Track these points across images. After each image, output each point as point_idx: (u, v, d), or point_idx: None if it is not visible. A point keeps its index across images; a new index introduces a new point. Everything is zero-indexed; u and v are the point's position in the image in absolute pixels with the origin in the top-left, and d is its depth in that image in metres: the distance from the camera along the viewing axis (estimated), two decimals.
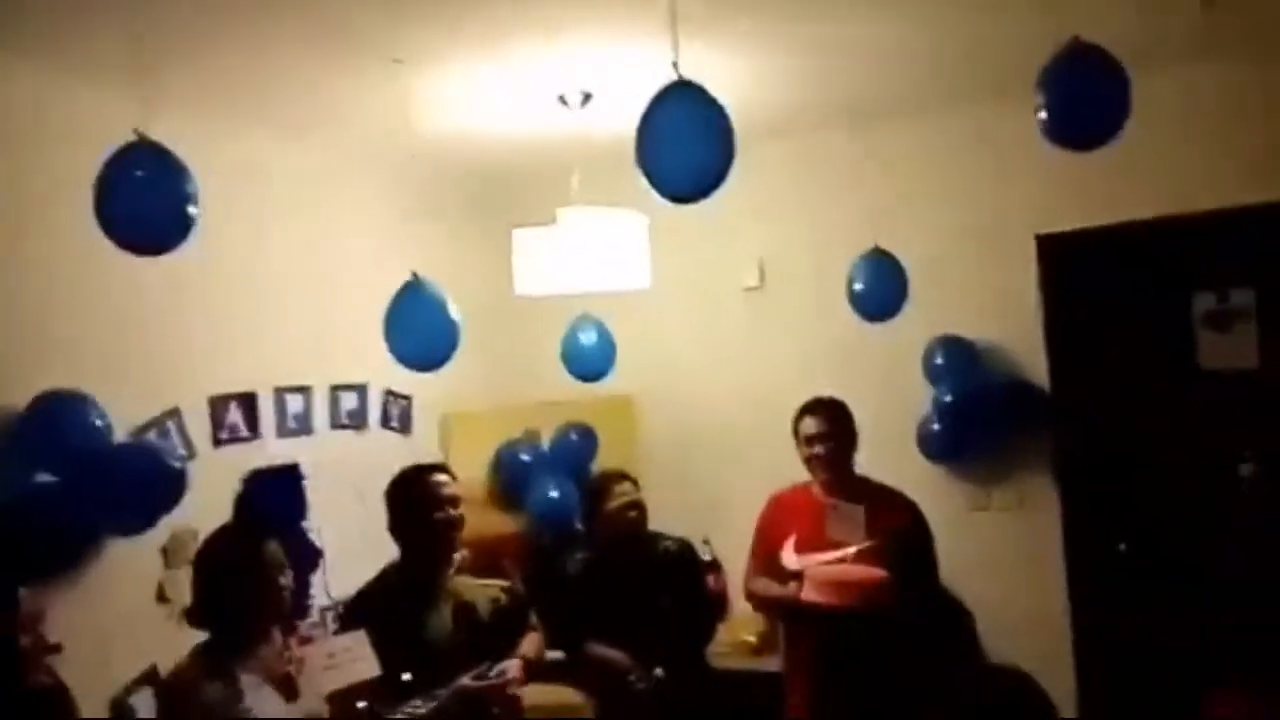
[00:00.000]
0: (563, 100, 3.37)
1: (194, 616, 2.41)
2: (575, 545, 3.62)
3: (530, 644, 2.88)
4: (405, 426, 4.06)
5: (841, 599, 2.97)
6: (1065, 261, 3.87)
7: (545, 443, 4.30)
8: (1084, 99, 2.27)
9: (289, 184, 3.66)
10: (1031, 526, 3.92)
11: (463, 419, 4.28)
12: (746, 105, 2.67)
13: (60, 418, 2.58)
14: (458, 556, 2.83)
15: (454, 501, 2.76)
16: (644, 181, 2.15)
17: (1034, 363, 3.91)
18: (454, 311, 2.77)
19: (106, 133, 2.21)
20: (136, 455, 2.65)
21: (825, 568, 3.03)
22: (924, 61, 3.44)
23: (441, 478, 2.79)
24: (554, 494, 4.06)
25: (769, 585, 3.21)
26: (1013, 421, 3.86)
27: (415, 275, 2.79)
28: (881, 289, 3.42)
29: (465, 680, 2.57)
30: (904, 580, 2.96)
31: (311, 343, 3.66)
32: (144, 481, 2.57)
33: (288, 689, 2.34)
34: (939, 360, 3.91)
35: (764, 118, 3.72)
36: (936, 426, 3.90)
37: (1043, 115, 2.34)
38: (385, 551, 3.08)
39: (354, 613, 2.74)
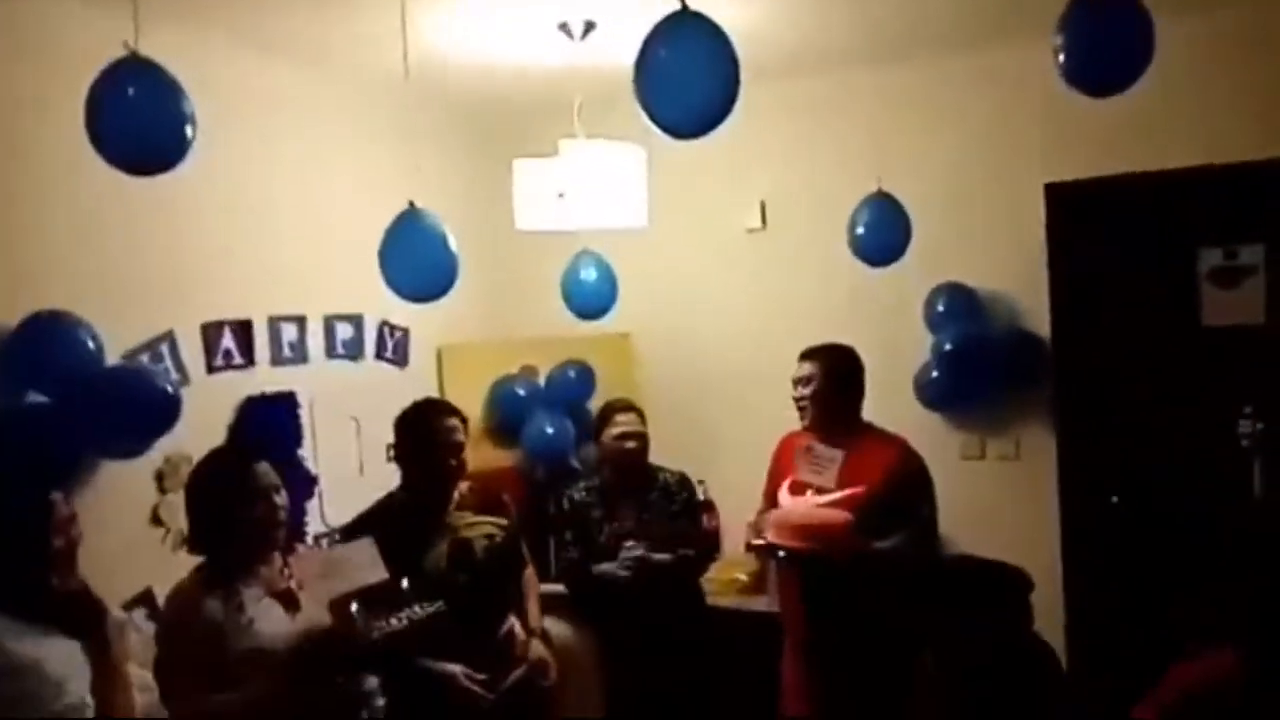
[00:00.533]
0: (565, 29, 3.28)
1: (192, 543, 2.42)
2: (570, 481, 3.63)
3: (533, 603, 2.96)
4: (402, 358, 4.04)
5: (798, 540, 2.98)
6: (1073, 211, 3.81)
7: (542, 379, 4.29)
8: (1105, 41, 2.20)
9: (285, 109, 3.59)
10: (1027, 477, 3.93)
11: (459, 352, 4.26)
12: (751, 43, 2.59)
13: (51, 338, 2.55)
14: (458, 491, 2.83)
15: (462, 448, 2.77)
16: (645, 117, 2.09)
17: (1037, 313, 3.88)
18: (453, 243, 2.72)
19: (99, 48, 2.15)
20: (129, 377, 2.63)
21: (786, 510, 3.04)
22: (935, 1, 3.34)
23: (453, 422, 2.79)
24: (549, 429, 4.07)
25: (758, 522, 3.21)
26: (1012, 371, 3.84)
27: (412, 204, 2.74)
28: (884, 233, 3.36)
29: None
30: (891, 526, 2.95)
31: (307, 272, 3.62)
32: (137, 404, 2.54)
33: (288, 602, 2.37)
34: (940, 307, 3.88)
35: (769, 57, 3.62)
36: (935, 374, 3.88)
37: (1062, 58, 2.27)
38: (379, 480, 3.09)
39: (353, 535, 2.75)
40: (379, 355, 3.94)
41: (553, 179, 3.22)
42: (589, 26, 3.25)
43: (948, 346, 3.76)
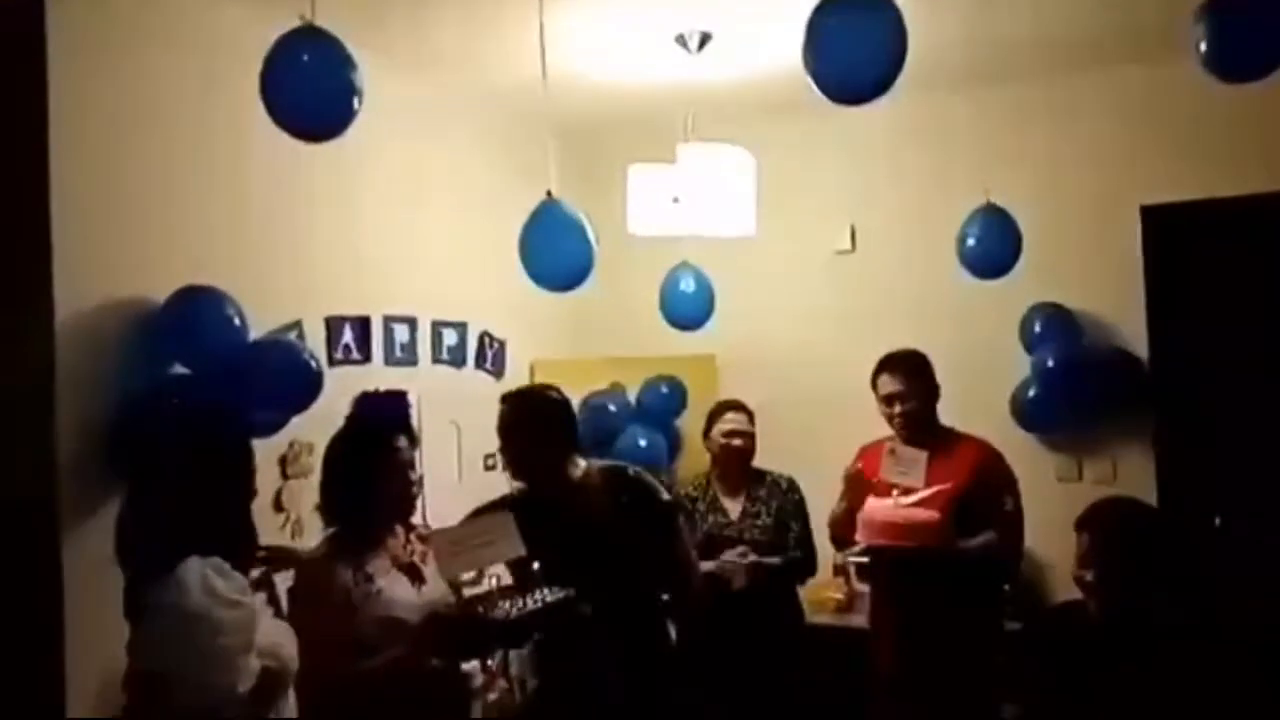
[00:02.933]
0: (682, 41, 3.38)
1: (325, 512, 2.44)
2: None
3: None
4: (499, 369, 4.10)
5: (888, 539, 3.01)
6: (1171, 233, 3.84)
7: (631, 395, 4.32)
8: (1247, 25, 2.24)
9: (416, 119, 3.69)
10: None
11: (551, 367, 4.29)
12: None
13: (198, 313, 2.61)
14: (582, 465, 2.80)
15: None
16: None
17: (1134, 334, 3.89)
18: (590, 233, 2.77)
19: (266, 35, 2.23)
20: (275, 351, 2.68)
21: (874, 509, 3.06)
22: (1045, 24, 3.43)
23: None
24: (643, 443, 4.07)
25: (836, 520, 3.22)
26: (1110, 393, 3.83)
27: (550, 194, 2.80)
28: (994, 245, 3.39)
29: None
30: (978, 523, 3.00)
31: (420, 277, 3.70)
32: (282, 377, 2.59)
33: (413, 575, 2.39)
34: (1037, 327, 3.89)
35: None
36: (1032, 394, 3.87)
37: (1202, 45, 2.32)
38: (477, 488, 3.09)
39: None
40: (479, 364, 3.99)
41: (668, 184, 3.29)
42: (705, 39, 3.35)
43: (1049, 363, 3.76)
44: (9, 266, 2.50)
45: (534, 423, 2.64)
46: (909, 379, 3.15)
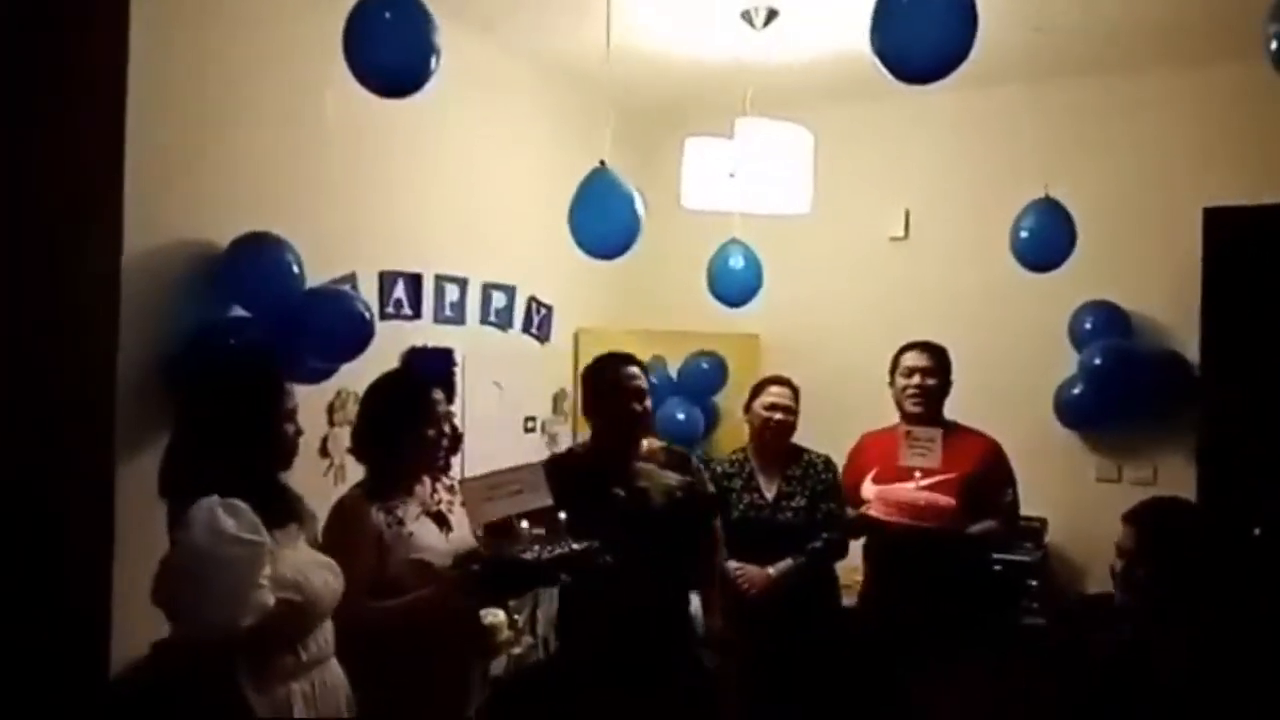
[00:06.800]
0: (747, 17, 3.38)
1: (358, 452, 2.53)
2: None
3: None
4: (545, 334, 4.15)
5: (906, 517, 3.12)
6: (1231, 237, 3.77)
7: (673, 369, 4.35)
8: None
9: (479, 85, 3.72)
10: None
11: (595, 335, 4.34)
12: None
13: (259, 258, 2.68)
14: (647, 447, 2.87)
15: (644, 394, 2.79)
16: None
17: (1185, 337, 3.84)
18: (639, 204, 2.80)
19: None
20: (331, 300, 2.74)
21: (893, 489, 3.19)
22: (1113, 17, 3.38)
23: (635, 370, 2.81)
24: (680, 416, 4.11)
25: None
26: (1157, 395, 3.79)
27: (603, 163, 2.83)
28: (1048, 238, 3.36)
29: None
30: (980, 511, 3.13)
31: (472, 238, 3.75)
32: (335, 326, 2.65)
33: (441, 522, 2.48)
34: (1087, 324, 3.86)
35: None
36: (1077, 391, 3.85)
37: (1274, 45, 2.28)
38: (516, 445, 3.13)
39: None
40: (525, 328, 4.04)
41: (724, 158, 3.30)
42: (771, 15, 3.35)
43: (1097, 361, 3.73)
44: (85, 205, 2.59)
45: (648, 393, 2.79)
46: (935, 360, 3.30)
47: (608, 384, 2.76)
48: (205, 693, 1.92)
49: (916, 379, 3.27)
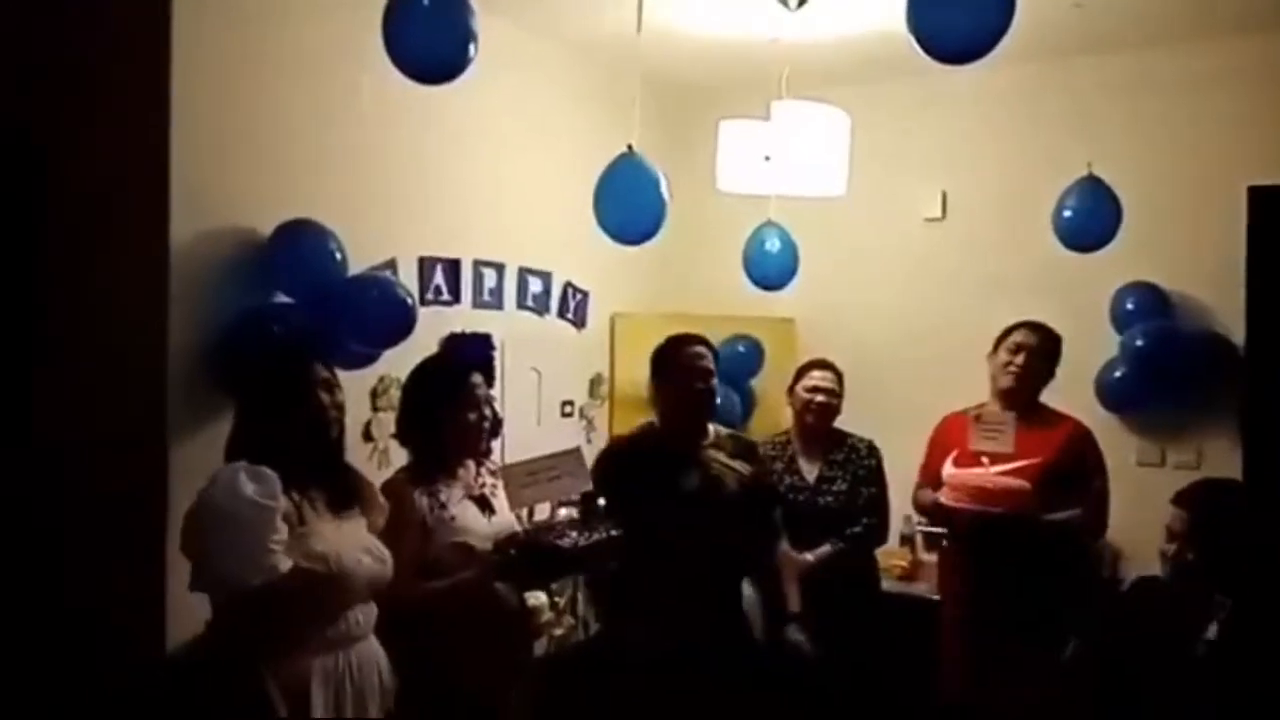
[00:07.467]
0: None
1: (401, 436, 2.57)
2: None
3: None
4: (581, 319, 4.17)
5: (977, 504, 3.05)
6: (1277, 216, 3.70)
7: None
8: None
9: (516, 70, 3.73)
10: None
11: (631, 320, 4.36)
12: None
13: (302, 245, 2.72)
14: (714, 433, 2.87)
15: (711, 374, 2.79)
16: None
17: (1230, 319, 3.77)
18: (665, 188, 2.80)
19: None
20: (373, 286, 2.78)
21: (964, 475, 3.11)
22: None
23: (701, 349, 2.81)
24: (717, 400, 4.09)
25: (925, 493, 3.32)
26: (1201, 377, 3.74)
27: (630, 148, 2.83)
28: (1092, 217, 3.31)
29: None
30: (1066, 499, 3.01)
31: (509, 224, 3.77)
32: (378, 312, 2.69)
33: (483, 505, 2.52)
34: (1129, 305, 3.81)
35: None
36: (1119, 374, 3.80)
37: None
38: (554, 435, 3.14)
39: (609, 458, 2.87)
40: (561, 313, 4.06)
41: (759, 141, 3.29)
42: None
43: (1139, 343, 3.68)
44: (132, 193, 2.64)
45: (714, 374, 2.81)
46: (1045, 342, 3.21)
47: (676, 362, 2.77)
48: (223, 665, 1.98)
49: (1022, 357, 3.17)
